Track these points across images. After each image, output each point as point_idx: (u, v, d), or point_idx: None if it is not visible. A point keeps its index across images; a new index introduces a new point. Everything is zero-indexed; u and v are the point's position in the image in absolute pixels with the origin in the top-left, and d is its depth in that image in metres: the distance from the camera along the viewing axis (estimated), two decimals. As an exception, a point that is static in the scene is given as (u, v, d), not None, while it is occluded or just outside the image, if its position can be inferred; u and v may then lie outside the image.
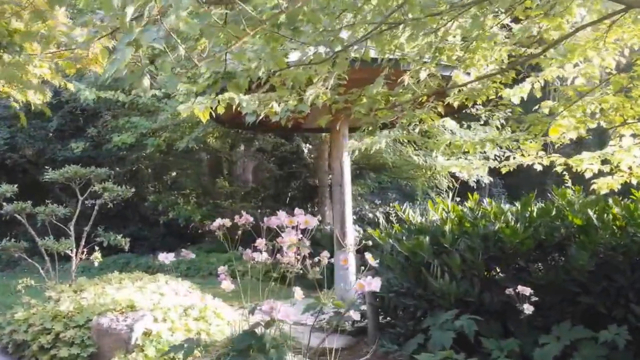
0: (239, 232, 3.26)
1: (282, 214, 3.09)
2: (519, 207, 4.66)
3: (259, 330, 2.91)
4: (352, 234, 7.72)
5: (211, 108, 4.12)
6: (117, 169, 10.61)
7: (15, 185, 7.03)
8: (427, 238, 4.49)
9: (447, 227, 4.61)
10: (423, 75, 3.41)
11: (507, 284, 4.15)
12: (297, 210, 2.81)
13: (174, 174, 16.29)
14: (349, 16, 2.80)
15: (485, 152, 11.08)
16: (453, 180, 12.19)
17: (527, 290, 3.51)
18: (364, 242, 3.82)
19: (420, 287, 4.50)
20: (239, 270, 11.26)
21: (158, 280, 7.02)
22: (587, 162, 5.29)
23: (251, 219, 3.20)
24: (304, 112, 3.63)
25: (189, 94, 8.61)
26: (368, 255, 2.77)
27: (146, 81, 2.02)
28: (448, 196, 13.05)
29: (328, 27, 2.79)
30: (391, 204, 12.43)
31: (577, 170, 5.41)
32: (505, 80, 4.10)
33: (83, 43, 3.18)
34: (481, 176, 10.75)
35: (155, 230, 14.70)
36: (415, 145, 10.74)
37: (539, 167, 4.96)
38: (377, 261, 5.36)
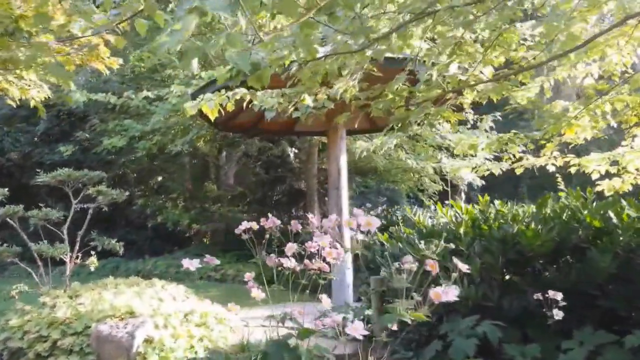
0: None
1: (332, 217, 2.82)
2: (534, 209, 4.47)
3: (291, 341, 2.62)
4: (349, 238, 7.46)
5: (221, 106, 3.83)
6: (104, 172, 10.21)
7: (7, 189, 6.61)
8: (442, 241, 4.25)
9: (461, 230, 4.39)
10: (453, 68, 3.17)
11: (526, 288, 3.96)
12: (356, 211, 2.52)
13: (159, 178, 15.85)
14: (387, 5, 2.56)
15: (473, 155, 11.01)
16: (443, 184, 12.05)
17: (559, 295, 3.30)
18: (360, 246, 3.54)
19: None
20: (229, 274, 10.83)
21: (155, 285, 6.66)
22: (595, 163, 5.14)
23: (278, 222, 2.90)
24: (325, 108, 3.36)
25: (183, 94, 8.30)
26: (456, 260, 2.49)
27: (195, 62, 1.74)
28: (430, 199, 12.92)
29: (362, 13, 2.54)
30: (380, 208, 12.23)
31: (578, 171, 5.24)
32: (524, 79, 3.90)
33: (101, 26, 2.87)
34: (473, 179, 10.63)
35: (143, 234, 14.25)
36: (404, 149, 10.57)
37: (552, 168, 4.77)
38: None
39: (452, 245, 3.90)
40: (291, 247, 2.76)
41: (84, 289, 6.45)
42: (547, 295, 3.34)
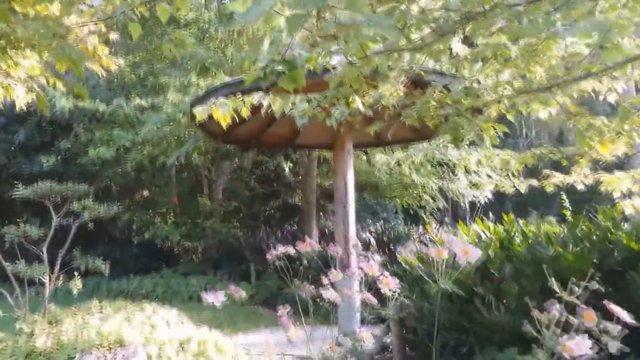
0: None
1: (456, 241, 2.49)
2: (566, 229, 4.18)
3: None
4: (356, 257, 7.12)
5: (235, 112, 3.50)
6: (88, 185, 9.75)
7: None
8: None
9: (490, 251, 4.09)
10: (505, 75, 2.88)
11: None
12: (448, 237, 2.17)
13: (146, 192, 15.39)
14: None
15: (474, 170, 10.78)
16: (444, 201, 11.79)
17: (616, 328, 2.97)
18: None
19: (464, 319, 3.94)
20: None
21: (145, 309, 6.26)
22: (620, 181, 4.89)
23: (317, 246, 2.57)
24: (360, 115, 3.04)
25: (179, 103, 7.96)
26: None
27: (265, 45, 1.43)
28: (432, 216, 12.65)
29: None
30: (378, 224, 11.91)
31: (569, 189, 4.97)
32: (568, 96, 3.62)
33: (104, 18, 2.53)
34: (476, 197, 10.38)
35: (127, 251, 13.74)
36: (407, 164, 10.31)
37: (580, 186, 4.50)
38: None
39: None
40: (336, 275, 2.41)
41: (65, 313, 6.03)
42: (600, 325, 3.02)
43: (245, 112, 3.51)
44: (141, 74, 10.60)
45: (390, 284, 2.31)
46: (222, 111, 3.42)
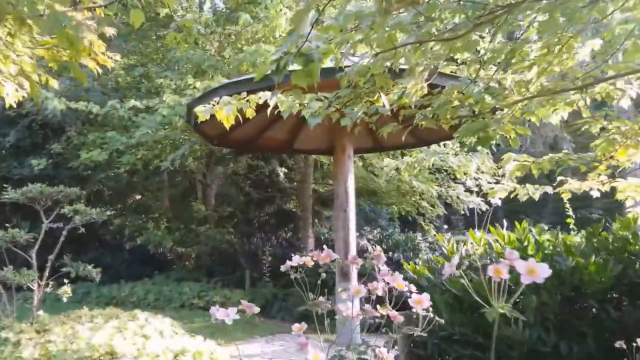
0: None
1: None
2: (583, 240, 3.98)
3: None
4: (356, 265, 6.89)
5: (239, 112, 3.27)
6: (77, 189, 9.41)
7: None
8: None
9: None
10: (531, 73, 2.68)
11: (585, 331, 3.47)
12: (512, 255, 1.88)
13: (138, 196, 15.08)
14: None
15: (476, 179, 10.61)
16: (442, 208, 11.60)
17: (651, 345, 2.77)
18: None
19: (479, 333, 3.72)
20: (215, 301, 10.08)
21: (137, 318, 5.99)
22: (631, 189, 4.71)
23: (336, 255, 2.34)
24: (377, 115, 2.82)
25: (176, 105, 7.71)
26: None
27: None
28: (431, 224, 12.46)
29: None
30: (375, 231, 11.69)
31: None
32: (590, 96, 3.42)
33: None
34: (478, 204, 10.23)
35: (118, 257, 13.42)
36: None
37: (596, 194, 4.31)
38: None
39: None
40: (376, 288, 2.19)
41: (53, 321, 5.76)
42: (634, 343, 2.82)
43: (250, 112, 3.29)
44: (136, 77, 10.34)
45: (424, 303, 2.08)
46: (226, 111, 3.19)
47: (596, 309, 3.66)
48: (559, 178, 4.45)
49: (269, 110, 3.26)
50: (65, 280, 6.02)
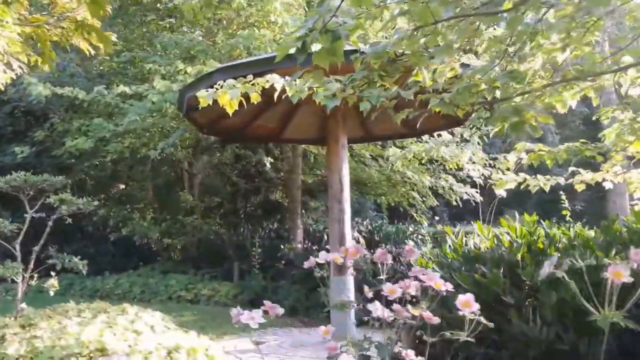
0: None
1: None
2: (598, 234, 3.85)
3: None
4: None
5: (244, 97, 3.03)
6: (63, 178, 9.01)
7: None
8: (501, 270, 3.57)
9: (519, 256, 3.72)
10: (563, 57, 2.48)
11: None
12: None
13: (122, 186, 14.70)
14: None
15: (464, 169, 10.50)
16: (434, 199, 11.47)
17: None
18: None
19: (493, 331, 3.55)
20: (203, 294, 9.84)
21: (127, 312, 5.72)
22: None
23: (366, 252, 2.13)
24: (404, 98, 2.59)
25: (167, 91, 7.40)
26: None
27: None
28: (423, 215, 12.34)
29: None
30: (365, 222, 11.52)
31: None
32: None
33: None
34: (473, 195, 10.13)
35: (102, 248, 13.06)
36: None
37: (609, 185, 4.17)
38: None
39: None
40: (393, 291, 1.98)
41: (39, 316, 5.47)
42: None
43: (256, 97, 3.05)
44: (122, 63, 9.95)
45: (471, 305, 1.88)
46: (231, 95, 2.95)
47: (616, 305, 3.52)
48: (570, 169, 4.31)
49: (276, 95, 3.03)
50: (53, 273, 5.71)
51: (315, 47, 1.95)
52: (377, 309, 1.99)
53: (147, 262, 12.32)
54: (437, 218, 14.58)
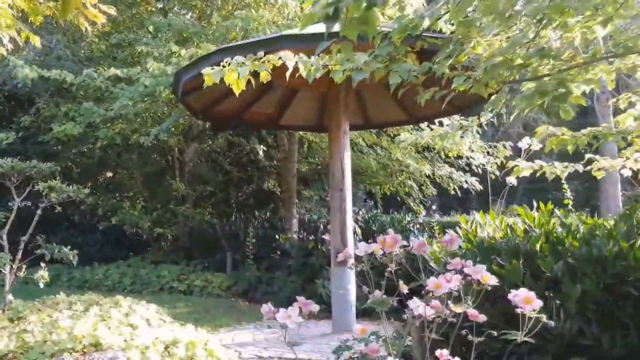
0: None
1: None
2: (616, 223, 3.72)
3: None
4: (352, 247, 6.55)
5: (253, 75, 2.85)
6: (52, 164, 8.70)
7: None
8: (520, 261, 3.44)
9: (538, 247, 3.58)
10: (602, 32, 2.32)
11: (628, 321, 3.21)
12: None
13: (110, 174, 14.41)
14: None
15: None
16: (433, 188, 11.35)
17: None
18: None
19: (511, 325, 3.42)
20: (196, 285, 9.65)
21: (120, 305, 5.54)
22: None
23: (404, 242, 1.97)
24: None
25: (160, 75, 7.15)
26: None
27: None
28: (421, 205, 12.23)
29: None
30: (361, 212, 11.37)
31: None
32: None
33: None
34: (472, 184, 10.03)
35: (90, 238, 12.82)
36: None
37: (627, 172, 4.04)
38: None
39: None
40: (438, 285, 1.81)
41: (28, 309, 5.28)
42: None
43: (265, 76, 2.87)
44: (112, 45, 9.65)
45: (533, 303, 1.73)
46: (241, 73, 2.76)
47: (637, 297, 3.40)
48: (587, 156, 4.17)
49: (287, 74, 2.85)
50: (42, 265, 5.51)
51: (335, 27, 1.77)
52: (417, 306, 1.83)
53: (137, 252, 12.10)
54: (434, 207, 14.48)
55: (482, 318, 1.91)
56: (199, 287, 9.60)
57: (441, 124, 8.41)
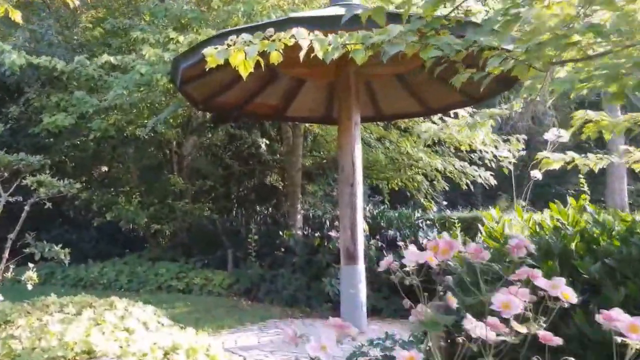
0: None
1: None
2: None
3: None
4: (362, 245, 6.34)
5: (261, 56, 2.61)
6: (41, 157, 8.46)
7: None
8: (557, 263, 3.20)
9: (573, 246, 3.34)
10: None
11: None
12: None
13: (105, 168, 14.18)
14: None
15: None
16: (444, 183, 11.12)
17: None
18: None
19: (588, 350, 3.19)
20: (195, 283, 9.40)
21: (115, 307, 5.32)
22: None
23: (460, 246, 1.72)
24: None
25: (157, 62, 6.89)
26: None
27: None
28: (432, 201, 12.00)
29: None
30: (369, 208, 11.12)
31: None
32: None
33: None
34: (486, 178, 9.82)
35: (85, 235, 12.60)
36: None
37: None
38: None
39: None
40: (523, 294, 1.58)
41: (16, 311, 5.06)
42: None
43: (277, 57, 2.62)
44: (106, 31, 9.37)
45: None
46: (250, 52, 2.51)
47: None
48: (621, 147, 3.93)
49: (301, 54, 2.61)
50: (31, 265, 5.29)
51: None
52: (475, 327, 1.59)
53: (133, 249, 11.88)
54: (445, 203, 14.24)
55: (557, 341, 1.66)
56: (199, 286, 9.38)
57: (456, 115, 8.19)
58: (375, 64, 6.68)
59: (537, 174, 4.71)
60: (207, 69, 2.95)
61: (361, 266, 6.21)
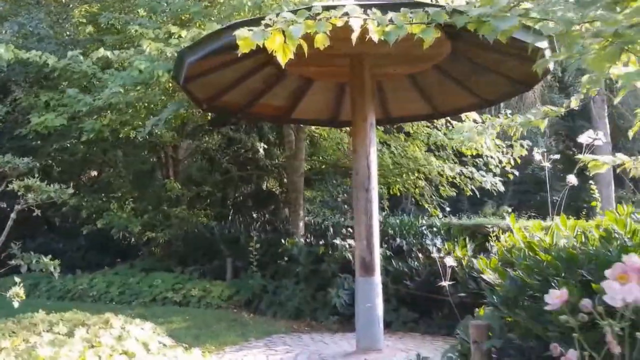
0: None
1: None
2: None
3: None
4: (379, 255, 5.94)
5: (305, 40, 2.19)
6: (29, 160, 7.89)
7: None
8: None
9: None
10: None
11: None
12: None
13: (94, 173, 13.68)
14: None
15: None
16: (449, 188, 10.76)
17: None
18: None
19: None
20: (193, 295, 8.86)
21: (111, 326, 4.84)
22: None
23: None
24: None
25: (159, 57, 6.44)
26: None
27: None
28: (439, 207, 11.64)
29: None
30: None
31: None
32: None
33: None
34: (495, 183, 9.50)
35: (73, 243, 12.06)
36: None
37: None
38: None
39: None
40: None
41: (0, 331, 4.58)
42: None
43: (322, 40, 2.20)
44: (101, 26, 8.90)
45: None
46: (294, 33, 2.09)
47: None
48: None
49: (354, 36, 2.19)
50: (17, 279, 4.82)
51: None
52: None
53: (125, 258, 11.38)
54: (448, 209, 13.90)
55: None
56: (197, 298, 8.89)
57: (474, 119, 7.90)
58: (390, 64, 6.36)
59: (572, 179, 4.32)
60: (209, 68, 2.54)
61: (378, 278, 5.82)
